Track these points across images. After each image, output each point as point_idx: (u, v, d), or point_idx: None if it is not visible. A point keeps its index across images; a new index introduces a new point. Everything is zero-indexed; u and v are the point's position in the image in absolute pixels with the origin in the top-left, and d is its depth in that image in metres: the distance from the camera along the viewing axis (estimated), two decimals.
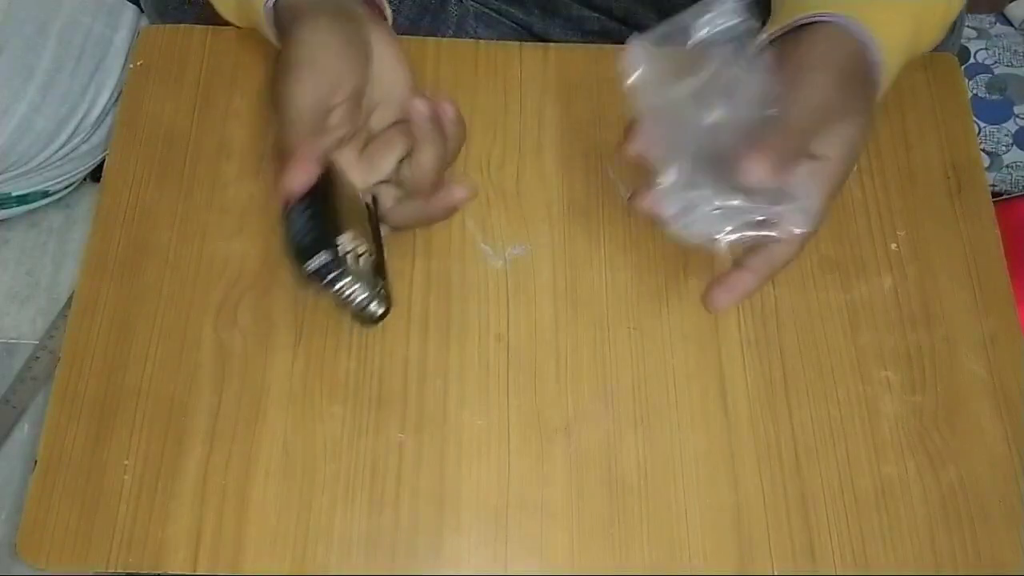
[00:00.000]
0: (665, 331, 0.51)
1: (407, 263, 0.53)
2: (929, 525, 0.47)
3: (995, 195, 1.00)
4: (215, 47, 0.59)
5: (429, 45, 0.59)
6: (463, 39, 0.62)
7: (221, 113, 0.57)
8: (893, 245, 0.54)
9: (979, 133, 1.03)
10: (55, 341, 0.98)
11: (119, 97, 0.72)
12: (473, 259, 0.53)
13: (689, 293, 0.52)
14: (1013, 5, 1.09)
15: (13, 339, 0.99)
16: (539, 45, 0.59)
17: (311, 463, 0.48)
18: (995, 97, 1.05)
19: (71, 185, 0.99)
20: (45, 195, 0.97)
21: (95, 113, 0.88)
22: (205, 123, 0.56)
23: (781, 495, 0.48)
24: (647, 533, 0.47)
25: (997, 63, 1.07)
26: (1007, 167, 1.02)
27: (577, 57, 0.59)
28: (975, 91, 1.05)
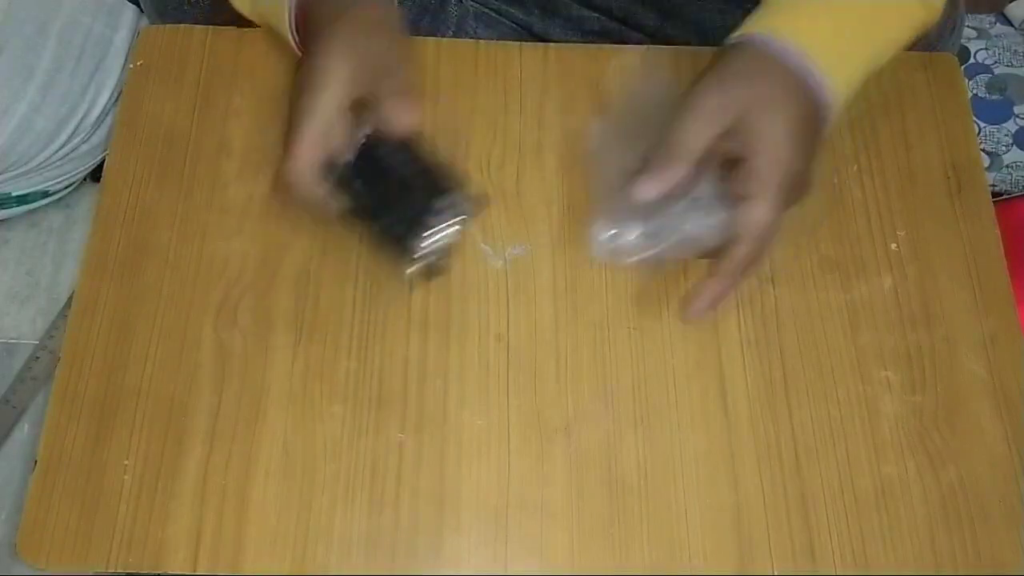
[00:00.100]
0: (665, 331, 0.51)
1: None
2: (929, 525, 0.47)
3: (995, 195, 1.00)
4: (215, 47, 0.59)
5: (429, 45, 0.59)
6: (463, 39, 0.62)
7: (221, 113, 0.57)
8: (893, 245, 0.54)
9: (979, 133, 1.03)
10: (55, 341, 0.98)
11: (119, 97, 0.72)
12: (473, 259, 0.53)
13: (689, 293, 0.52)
14: (1013, 5, 1.09)
15: (13, 339, 0.99)
16: (539, 45, 0.59)
17: (311, 463, 0.48)
18: (995, 97, 1.05)
19: (71, 185, 0.99)
20: (45, 195, 0.97)
21: (95, 113, 0.88)
22: (205, 123, 0.56)
23: (781, 495, 0.48)
24: (647, 533, 0.47)
25: (997, 63, 1.07)
26: (1007, 167, 1.02)
27: (577, 57, 0.59)
28: (975, 91, 1.05)
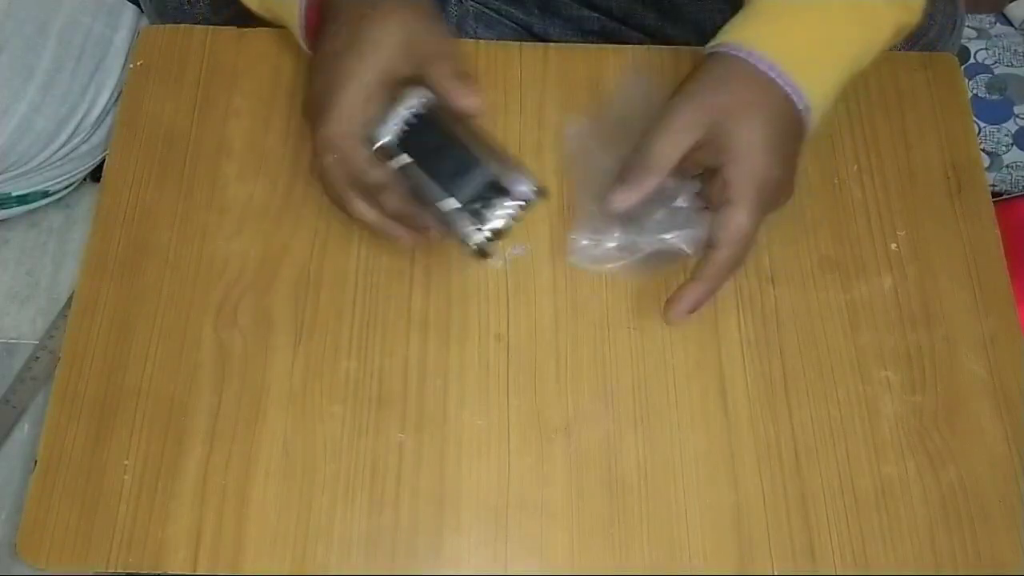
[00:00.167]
0: (665, 331, 0.51)
1: (407, 263, 0.53)
2: (929, 525, 0.47)
3: (995, 195, 1.00)
4: (215, 47, 0.59)
5: None
6: (463, 39, 0.62)
7: (221, 113, 0.57)
8: (893, 245, 0.54)
9: (979, 133, 1.03)
10: (55, 341, 0.98)
11: (119, 97, 0.72)
12: (473, 259, 0.53)
13: None
14: (1013, 5, 1.09)
15: (13, 339, 0.99)
16: (539, 45, 0.59)
17: (311, 463, 0.48)
18: (995, 97, 1.05)
19: (71, 185, 0.99)
20: (45, 195, 0.97)
21: (95, 113, 0.88)
22: (205, 123, 0.56)
23: (781, 495, 0.48)
24: (647, 533, 0.47)
25: (997, 63, 1.07)
26: (1007, 167, 1.02)
27: (577, 57, 0.59)
28: (975, 91, 1.05)
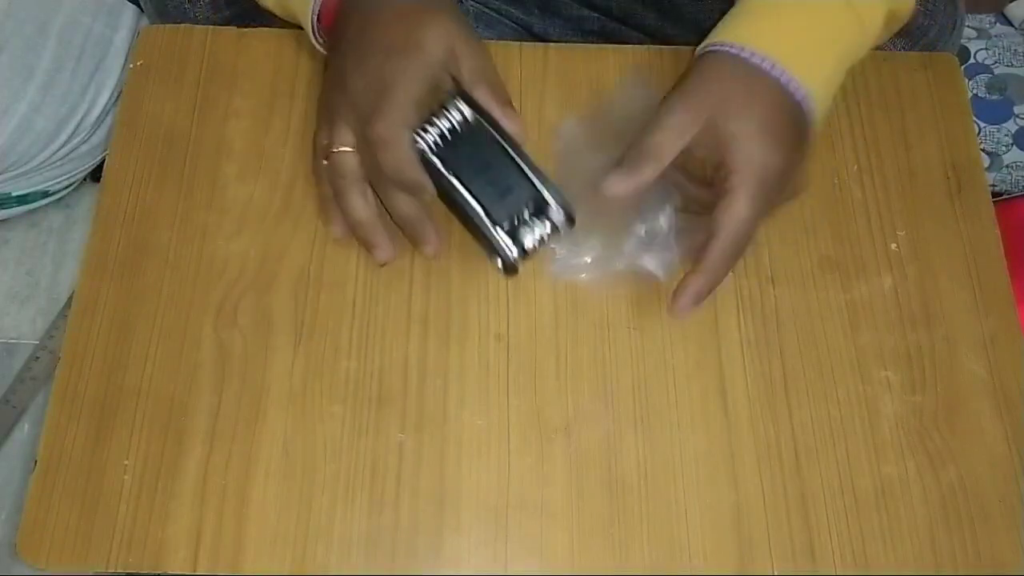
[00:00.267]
0: (665, 331, 0.51)
1: (407, 262, 0.53)
2: (929, 525, 0.47)
3: (995, 195, 1.00)
4: (215, 47, 0.59)
5: None
6: None
7: (221, 113, 0.57)
8: (893, 245, 0.54)
9: (979, 133, 1.03)
10: (55, 341, 0.98)
11: (119, 97, 0.72)
12: (473, 259, 0.53)
13: None
14: (1013, 5, 1.09)
15: (13, 339, 0.99)
16: (539, 45, 0.59)
17: (311, 463, 0.48)
18: (995, 97, 1.05)
19: (71, 185, 0.99)
20: (45, 195, 0.97)
21: (95, 113, 0.89)
22: (205, 123, 0.56)
23: (781, 495, 0.48)
24: (647, 533, 0.47)
25: (997, 63, 1.07)
26: (1007, 167, 1.02)
27: (577, 57, 0.59)
28: (975, 91, 1.06)
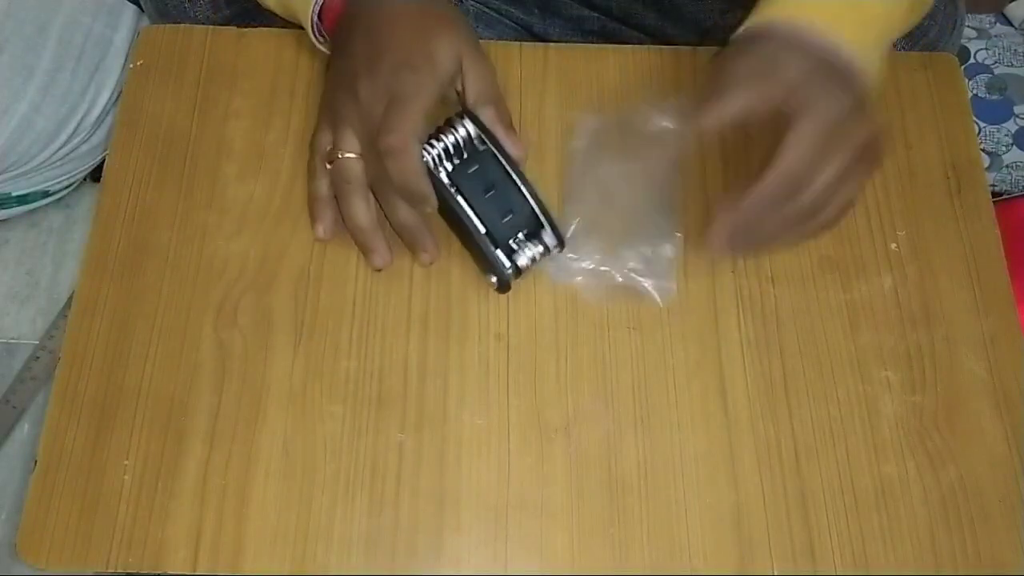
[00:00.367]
0: (665, 331, 0.51)
1: (407, 262, 0.53)
2: (929, 525, 0.47)
3: (995, 195, 1.00)
4: (215, 47, 0.59)
5: None
6: None
7: (221, 113, 0.57)
8: (893, 245, 0.54)
9: (979, 133, 1.03)
10: (55, 341, 0.98)
11: (119, 97, 0.72)
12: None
13: (689, 293, 0.52)
14: (1013, 5, 1.09)
15: (13, 339, 0.99)
16: (539, 45, 0.59)
17: (311, 463, 0.48)
18: (995, 97, 1.05)
19: (71, 185, 0.99)
20: (45, 195, 0.97)
21: (95, 113, 0.88)
22: (205, 123, 0.56)
23: (781, 495, 0.48)
24: (647, 533, 0.47)
25: (997, 63, 1.07)
26: (1007, 167, 1.02)
27: (577, 57, 0.59)
28: (975, 91, 1.05)
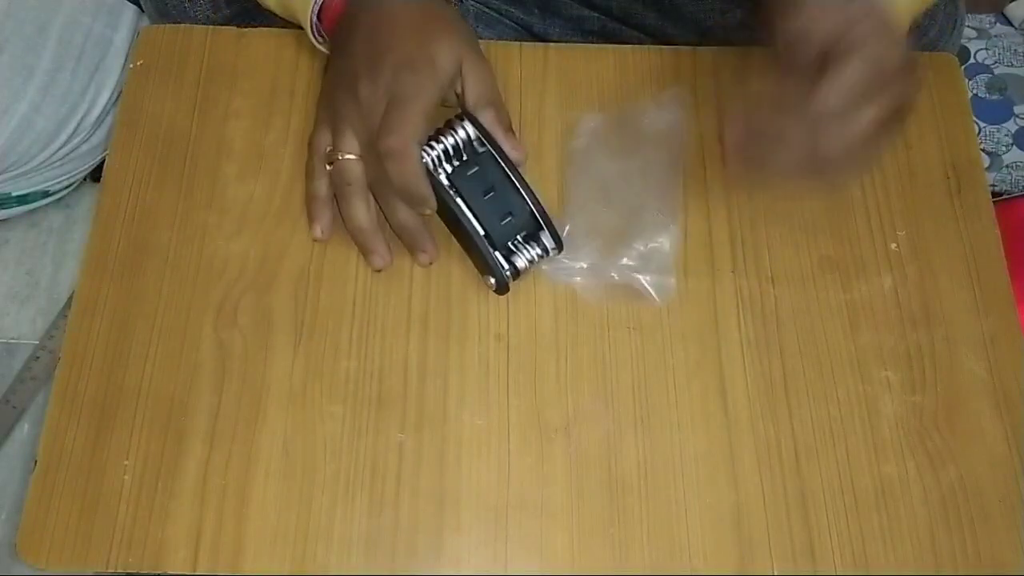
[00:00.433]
0: (665, 331, 0.51)
1: (407, 263, 0.53)
2: (929, 525, 0.47)
3: (995, 195, 1.00)
4: (215, 47, 0.59)
5: None
6: None
7: (221, 113, 0.57)
8: (893, 245, 0.54)
9: (979, 133, 1.03)
10: (55, 341, 0.98)
11: (119, 97, 0.72)
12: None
13: (689, 293, 0.52)
14: (1013, 5, 1.09)
15: (13, 339, 0.99)
16: (539, 45, 0.59)
17: (311, 463, 0.48)
18: (995, 97, 1.05)
19: (71, 185, 0.99)
20: (45, 195, 0.97)
21: (95, 113, 0.89)
22: (205, 123, 0.56)
23: (781, 495, 0.48)
24: (647, 533, 0.47)
25: (997, 63, 1.07)
26: (1007, 167, 1.02)
27: (577, 57, 0.59)
28: (975, 91, 1.06)
